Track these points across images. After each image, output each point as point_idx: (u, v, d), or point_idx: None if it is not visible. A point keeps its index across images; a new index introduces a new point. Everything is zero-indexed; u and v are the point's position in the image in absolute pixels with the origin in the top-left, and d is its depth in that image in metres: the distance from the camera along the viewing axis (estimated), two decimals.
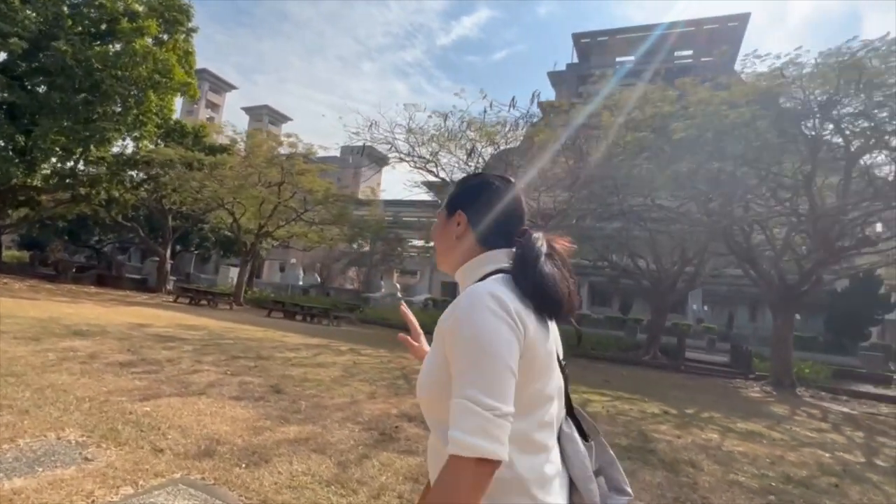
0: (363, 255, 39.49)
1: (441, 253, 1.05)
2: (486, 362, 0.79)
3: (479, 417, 0.76)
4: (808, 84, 11.41)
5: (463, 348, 0.81)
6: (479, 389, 0.78)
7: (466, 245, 1.01)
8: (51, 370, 5.10)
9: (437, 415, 0.89)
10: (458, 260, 1.02)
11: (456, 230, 1.02)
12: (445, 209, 1.05)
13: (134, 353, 6.72)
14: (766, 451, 5.47)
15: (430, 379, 0.89)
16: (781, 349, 14.81)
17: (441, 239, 1.04)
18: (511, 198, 1.03)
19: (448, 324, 0.85)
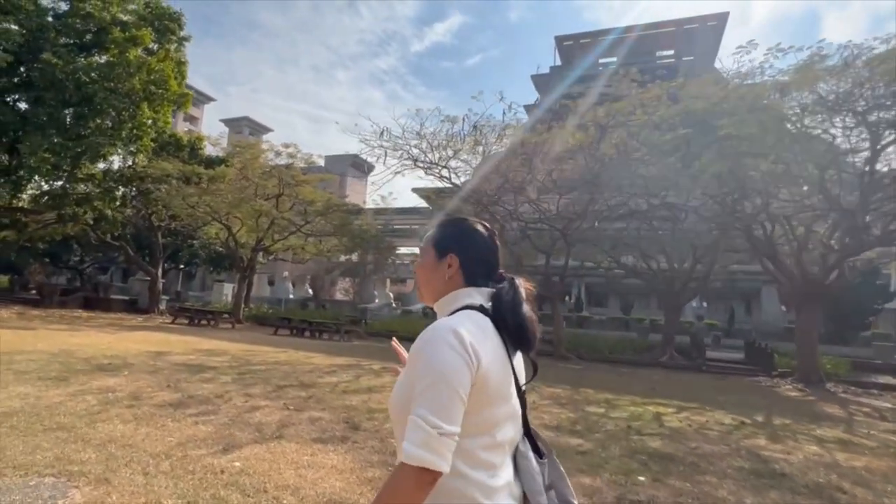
0: (356, 266, 38.65)
1: (425, 286, 1.13)
2: (439, 388, 0.90)
3: (424, 433, 0.88)
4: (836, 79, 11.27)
5: (422, 373, 0.92)
6: (428, 410, 0.89)
7: (452, 284, 1.11)
8: (100, 419, 4.45)
9: (401, 430, 0.94)
10: (440, 294, 1.12)
11: (447, 272, 1.11)
12: (434, 249, 1.13)
13: (175, 389, 6.05)
14: (884, 465, 5.10)
15: (397, 397, 0.99)
16: (807, 344, 14.69)
17: (429, 276, 1.12)
18: (492, 243, 1.16)
19: (413, 351, 0.96)
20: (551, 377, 10.55)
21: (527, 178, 15.40)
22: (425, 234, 1.17)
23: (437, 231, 1.17)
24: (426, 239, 1.15)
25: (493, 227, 1.20)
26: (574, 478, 3.89)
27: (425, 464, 0.86)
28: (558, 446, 4.77)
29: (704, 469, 4.42)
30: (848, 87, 11.29)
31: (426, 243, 1.14)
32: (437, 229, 1.17)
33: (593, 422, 6.14)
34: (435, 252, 1.13)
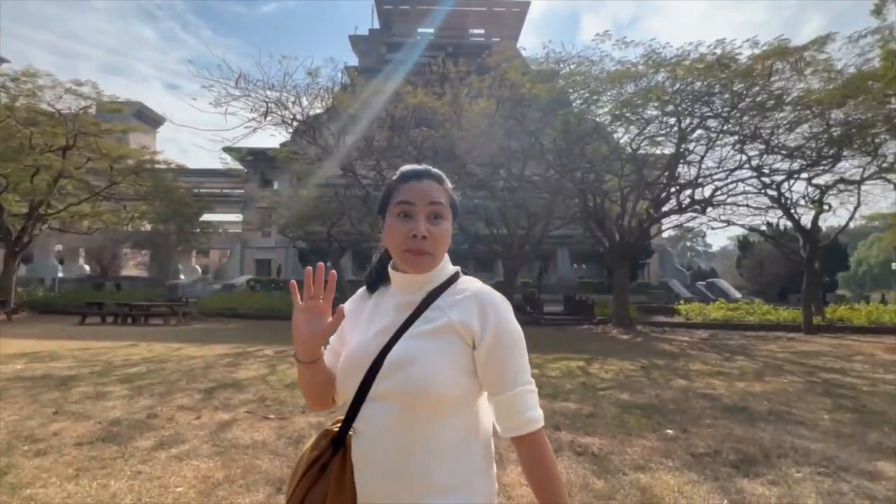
0: (156, 237, 32.73)
1: (440, 252, 1.01)
2: (525, 352, 0.97)
3: (536, 397, 0.96)
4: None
5: (517, 342, 0.95)
6: (529, 375, 0.97)
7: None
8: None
9: (443, 405, 0.91)
10: (441, 259, 1.04)
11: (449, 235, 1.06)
12: (452, 211, 1.04)
13: (76, 416, 4.36)
14: (772, 387, 6.55)
15: (447, 371, 0.91)
16: (621, 296, 17.77)
17: (447, 241, 1.03)
18: None
19: (492, 320, 0.94)
20: None
21: (393, 144, 14.91)
22: (438, 192, 1.00)
23: (447, 187, 1.04)
24: (447, 198, 1.02)
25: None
26: (617, 439, 4.07)
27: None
28: (554, 413, 4.90)
29: (692, 412, 5.06)
30: (668, 84, 13.69)
31: (447, 203, 1.02)
32: (446, 185, 1.04)
33: (550, 384, 6.46)
34: (451, 213, 1.03)
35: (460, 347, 0.93)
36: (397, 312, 0.99)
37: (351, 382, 0.96)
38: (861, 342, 12.81)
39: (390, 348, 0.94)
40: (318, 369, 1.00)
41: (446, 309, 0.96)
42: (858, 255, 51.78)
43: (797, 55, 12.31)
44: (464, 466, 0.93)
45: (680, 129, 14.77)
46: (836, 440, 4.17)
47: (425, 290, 0.99)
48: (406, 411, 0.90)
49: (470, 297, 0.96)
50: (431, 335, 0.94)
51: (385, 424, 0.91)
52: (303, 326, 0.95)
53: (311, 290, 0.97)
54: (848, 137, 13.72)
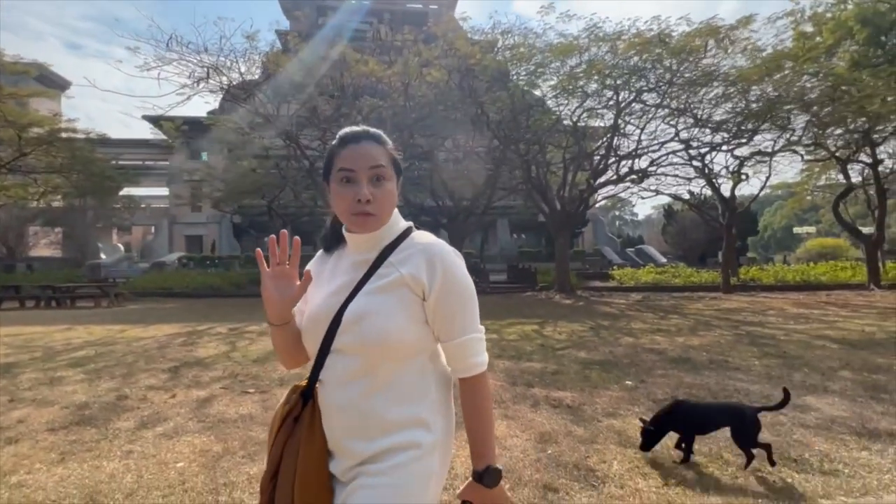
0: (70, 213, 29.92)
1: (385, 212, 1.04)
2: (475, 301, 1.04)
3: (484, 343, 1.05)
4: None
5: (465, 292, 1.01)
6: (477, 321, 1.04)
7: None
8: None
9: (400, 354, 0.99)
10: (388, 219, 1.07)
11: (398, 193, 1.08)
12: (394, 170, 1.06)
13: (40, 402, 4.10)
14: (706, 341, 7.26)
15: (401, 323, 0.98)
16: (562, 263, 18.60)
17: (392, 200, 1.05)
18: None
19: (439, 272, 0.98)
20: None
21: (341, 113, 14.47)
22: (378, 154, 1.03)
23: (389, 147, 1.06)
24: (387, 159, 1.04)
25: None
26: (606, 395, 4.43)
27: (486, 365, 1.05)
28: (523, 372, 5.22)
29: (644, 365, 5.54)
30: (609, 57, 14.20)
31: (388, 164, 1.04)
32: (387, 145, 1.06)
33: (511, 347, 6.80)
34: (395, 173, 1.06)
35: (412, 299, 0.99)
36: (354, 270, 1.04)
37: (314, 338, 1.02)
38: (771, 299, 14.31)
39: (348, 305, 1.00)
40: (290, 330, 1.06)
41: (398, 264, 1.01)
42: (764, 221, 56.93)
43: (725, 34, 13.14)
44: (420, 407, 0.99)
45: (617, 103, 15.43)
46: (769, 381, 4.77)
47: (378, 247, 1.04)
48: (366, 361, 0.97)
49: (420, 251, 1.01)
50: (385, 290, 0.99)
51: (347, 373, 0.98)
52: (273, 292, 1.01)
53: (277, 256, 1.02)
54: (765, 112, 14.93)
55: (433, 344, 1.04)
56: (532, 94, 16.13)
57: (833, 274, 19.46)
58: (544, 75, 14.27)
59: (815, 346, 6.63)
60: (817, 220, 51.85)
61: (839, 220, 19.38)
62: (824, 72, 14.14)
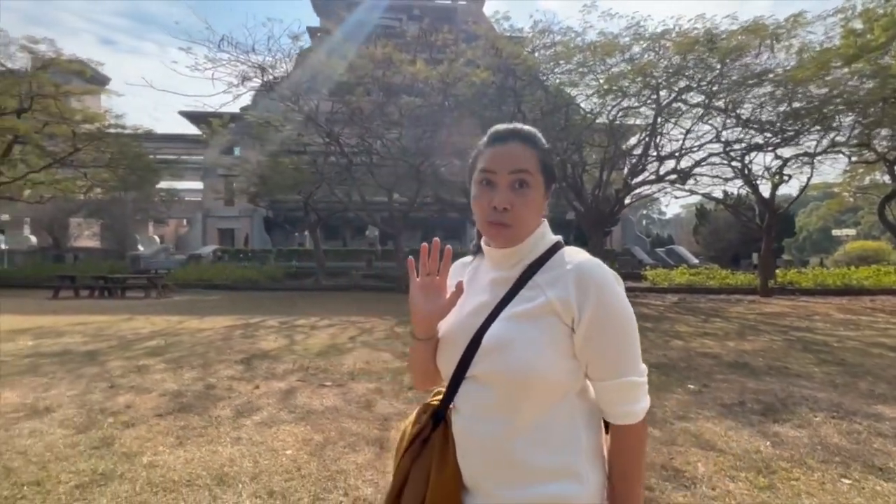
0: (112, 205, 30.95)
1: (525, 224, 0.92)
2: (636, 337, 0.88)
3: (645, 387, 0.89)
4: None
5: (623, 324, 0.86)
6: (640, 362, 0.88)
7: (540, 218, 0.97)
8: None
9: (544, 391, 0.87)
10: (534, 230, 0.95)
11: (545, 205, 0.96)
12: (544, 178, 0.93)
13: (137, 389, 4.40)
14: (759, 346, 7.24)
15: (548, 356, 0.86)
16: None
17: (535, 211, 0.93)
18: None
19: (592, 297, 0.84)
20: None
21: (377, 110, 14.68)
22: (524, 157, 0.91)
23: (542, 151, 0.94)
24: (536, 163, 0.92)
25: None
26: None
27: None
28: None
29: (702, 369, 5.59)
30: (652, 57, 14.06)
31: (536, 169, 0.91)
32: (541, 148, 0.94)
33: None
34: (544, 181, 0.93)
35: (560, 329, 0.86)
36: (493, 290, 0.94)
37: (449, 361, 0.94)
38: (813, 303, 14.04)
39: (486, 328, 0.90)
40: (433, 346, 0.98)
41: (544, 286, 0.89)
42: (799, 223, 55.47)
43: (772, 32, 12.89)
44: (571, 454, 0.87)
45: (657, 102, 15.27)
46: (835, 389, 4.78)
47: (521, 264, 0.93)
48: (506, 395, 0.87)
49: (570, 271, 0.88)
50: (529, 316, 0.88)
51: (485, 406, 0.88)
52: (421, 304, 0.95)
53: (426, 265, 0.95)
54: (811, 112, 14.59)
55: (583, 380, 0.91)
56: (567, 92, 16.08)
57: (876, 278, 18.92)
58: (587, 75, 14.20)
59: (872, 353, 6.56)
60: (856, 222, 50.26)
61: (885, 223, 18.78)
62: (874, 70, 13.75)
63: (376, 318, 9.81)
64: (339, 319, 9.58)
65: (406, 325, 8.86)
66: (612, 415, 0.89)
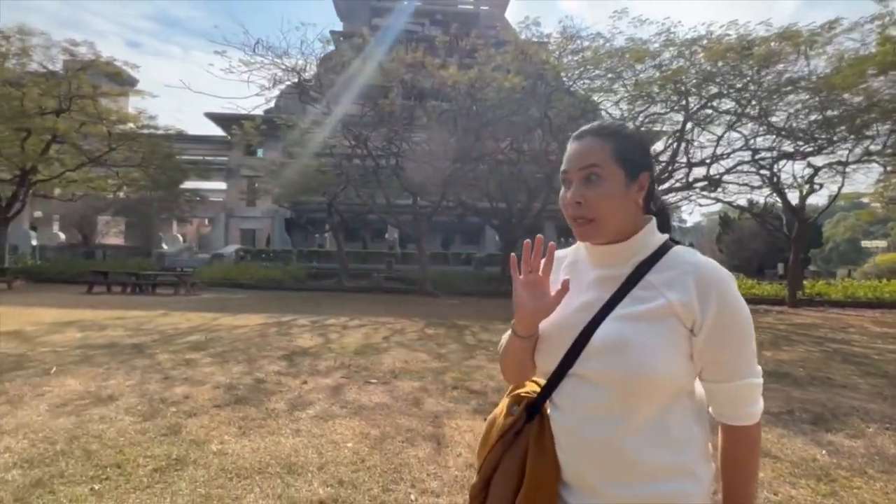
0: (140, 205, 31.66)
1: (608, 217, 0.90)
2: (753, 339, 0.87)
3: (761, 388, 0.89)
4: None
5: (744, 327, 0.85)
6: (756, 364, 0.88)
7: (638, 211, 0.94)
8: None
9: (662, 392, 0.86)
10: (629, 228, 0.93)
11: (639, 195, 0.92)
12: (621, 168, 0.90)
13: (211, 384, 4.53)
14: (796, 356, 7.14)
15: (670, 358, 0.85)
16: None
17: (617, 205, 0.90)
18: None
19: (714, 301, 0.84)
20: (458, 314, 11.11)
21: (415, 115, 14.84)
22: (594, 152, 0.91)
23: (618, 141, 0.92)
24: (608, 155, 0.90)
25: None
26: None
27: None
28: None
29: None
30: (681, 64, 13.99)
31: (608, 161, 0.90)
32: (617, 139, 0.92)
33: None
34: (623, 172, 0.90)
35: (680, 332, 0.86)
36: (600, 287, 0.93)
37: (551, 356, 0.94)
38: (845, 315, 13.76)
39: (595, 326, 0.89)
40: (532, 343, 0.98)
41: (662, 287, 0.87)
42: (826, 233, 54.34)
43: (809, 39, 12.73)
44: (686, 454, 0.87)
45: (686, 109, 15.16)
46: (884, 401, 4.70)
47: (631, 262, 0.92)
48: (620, 395, 0.86)
49: (689, 272, 0.86)
50: (646, 317, 0.87)
51: (595, 404, 0.88)
52: (526, 301, 0.94)
53: (529, 263, 0.95)
54: (846, 120, 14.34)
55: (694, 381, 0.91)
56: (594, 99, 16.06)
57: None
58: (616, 81, 14.18)
59: None
60: (885, 234, 49.04)
61: None
62: None
63: (405, 320, 9.89)
64: (369, 320, 9.68)
65: (435, 328, 8.93)
66: (730, 416, 0.88)
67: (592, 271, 0.96)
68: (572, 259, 1.03)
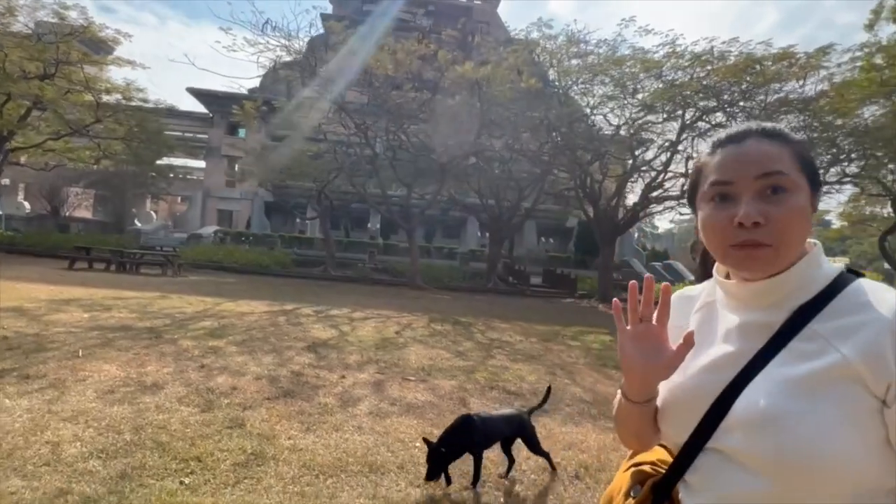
0: (115, 178, 30.42)
1: (791, 242, 0.70)
2: None
3: None
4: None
5: None
6: None
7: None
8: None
9: (839, 487, 0.62)
10: (801, 248, 0.72)
11: (812, 214, 0.72)
12: (807, 180, 0.71)
13: (263, 377, 4.45)
14: None
15: (847, 439, 0.62)
16: (606, 273, 18.84)
17: (803, 225, 0.70)
18: None
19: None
20: (455, 310, 11.20)
21: (408, 105, 14.76)
22: (774, 156, 0.70)
23: (797, 145, 0.73)
24: (792, 162, 0.71)
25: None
26: None
27: None
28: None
29: None
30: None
31: (794, 168, 0.70)
32: (794, 142, 0.73)
33: (609, 357, 7.08)
34: (808, 183, 0.71)
35: (863, 401, 0.62)
36: (743, 338, 0.73)
37: (680, 425, 0.75)
38: None
39: (739, 390, 0.69)
40: (651, 410, 0.79)
41: (832, 338, 0.65)
42: None
43: (804, 62, 13.23)
44: None
45: (682, 119, 15.57)
46: None
47: (789, 304, 0.70)
48: (775, 487, 0.64)
49: (879, 318, 0.63)
50: (811, 380, 0.65)
51: (743, 495, 0.67)
52: (637, 360, 0.75)
53: (638, 310, 0.75)
54: (827, 141, 14.99)
55: (894, 478, 0.64)
56: (592, 103, 16.31)
57: None
58: (617, 88, 14.44)
59: None
60: (843, 251, 51.53)
61: (885, 255, 19.39)
62: (890, 107, 14.20)
63: (407, 314, 9.90)
64: (371, 312, 9.65)
65: (440, 323, 8.97)
66: None
67: (732, 315, 0.76)
68: (706, 300, 0.82)
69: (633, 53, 14.00)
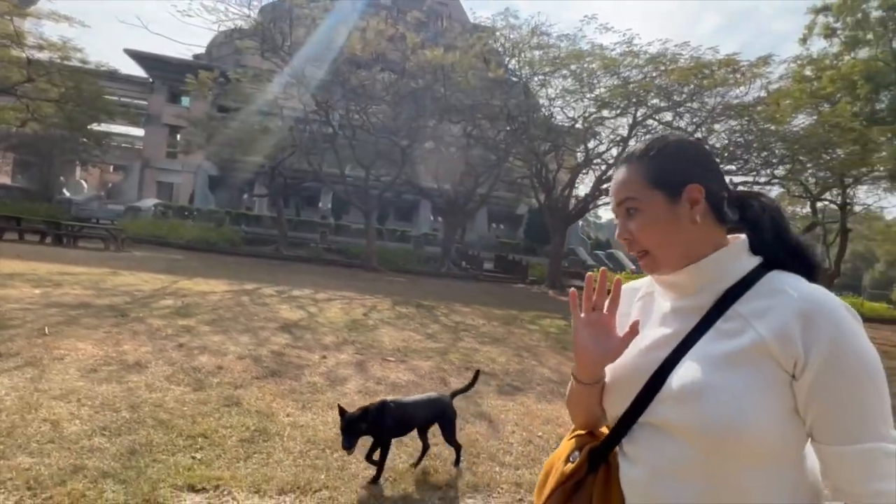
0: (42, 142, 27.98)
1: (663, 245, 0.80)
2: (885, 391, 0.68)
3: (894, 460, 0.66)
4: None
5: (866, 373, 0.67)
6: (890, 425, 0.67)
7: (707, 228, 0.79)
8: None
9: (752, 453, 0.69)
10: (698, 250, 0.79)
11: (692, 212, 0.78)
12: (656, 188, 0.79)
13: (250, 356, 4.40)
14: None
15: (761, 409, 0.68)
16: (557, 260, 19.57)
17: (671, 230, 0.79)
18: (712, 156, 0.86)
19: (825, 337, 0.67)
20: (414, 293, 11.40)
21: (372, 86, 14.58)
22: (627, 183, 0.82)
23: (651, 161, 0.81)
24: (641, 181, 0.80)
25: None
26: None
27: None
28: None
29: None
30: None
31: (642, 187, 0.80)
32: (649, 159, 0.81)
33: (568, 340, 7.51)
34: (662, 193, 0.79)
35: (776, 376, 0.70)
36: (678, 319, 0.81)
37: (619, 400, 0.83)
38: None
39: (671, 367, 0.76)
40: (599, 390, 0.87)
41: (751, 318, 0.73)
42: None
43: (746, 70, 14.20)
44: None
45: (634, 116, 16.32)
46: None
47: (715, 290, 0.78)
48: (699, 453, 0.71)
49: (791, 302, 0.71)
50: (732, 356, 0.72)
51: (670, 461, 0.74)
52: (588, 345, 0.83)
53: (592, 299, 0.84)
54: (757, 145, 16.22)
55: (805, 442, 0.73)
56: (550, 95, 16.76)
57: None
58: (582, 83, 14.90)
59: None
60: None
61: None
62: (816, 116, 15.56)
63: (368, 296, 9.98)
64: (333, 293, 9.65)
65: (403, 306, 9.13)
66: (848, 493, 0.69)
67: (668, 302, 0.84)
68: (647, 290, 0.91)
69: (592, 49, 14.48)
